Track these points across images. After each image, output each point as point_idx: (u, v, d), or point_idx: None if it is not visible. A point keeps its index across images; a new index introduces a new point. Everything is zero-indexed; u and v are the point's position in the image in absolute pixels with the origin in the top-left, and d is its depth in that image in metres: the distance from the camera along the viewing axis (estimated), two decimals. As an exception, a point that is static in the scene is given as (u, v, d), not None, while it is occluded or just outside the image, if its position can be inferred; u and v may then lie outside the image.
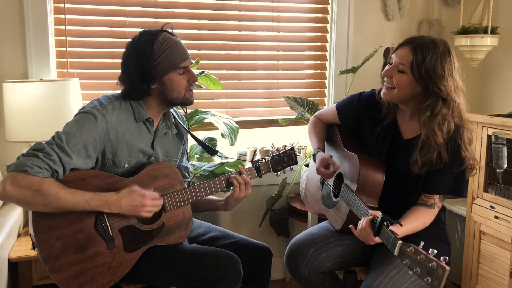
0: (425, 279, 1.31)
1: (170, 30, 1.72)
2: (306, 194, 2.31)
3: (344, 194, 1.83)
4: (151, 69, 1.65)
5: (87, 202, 1.54)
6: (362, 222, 1.59)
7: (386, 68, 1.77)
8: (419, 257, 1.34)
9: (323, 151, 2.02)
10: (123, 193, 1.60)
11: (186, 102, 1.76)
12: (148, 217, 1.65)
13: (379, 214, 1.54)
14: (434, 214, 1.76)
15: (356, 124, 1.95)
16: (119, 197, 1.59)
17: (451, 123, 1.68)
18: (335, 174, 1.95)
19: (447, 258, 1.29)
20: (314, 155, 2.00)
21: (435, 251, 1.32)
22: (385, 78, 1.76)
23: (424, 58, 1.65)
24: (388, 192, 1.78)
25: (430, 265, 1.30)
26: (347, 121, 1.99)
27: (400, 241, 1.42)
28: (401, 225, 1.52)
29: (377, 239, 1.55)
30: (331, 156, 2.01)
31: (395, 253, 1.42)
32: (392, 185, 1.78)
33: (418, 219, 1.71)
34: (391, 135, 1.85)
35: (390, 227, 1.49)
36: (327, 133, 2.11)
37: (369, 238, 1.57)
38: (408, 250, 1.38)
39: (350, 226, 1.65)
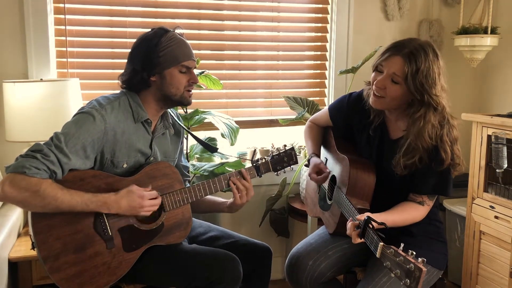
0: (403, 281, 1.30)
1: (181, 32, 1.76)
2: (306, 196, 2.31)
3: (336, 197, 1.83)
4: (154, 59, 1.67)
5: (85, 204, 1.54)
6: (348, 227, 1.59)
7: (378, 78, 1.71)
8: (398, 259, 1.33)
9: (318, 155, 2.02)
10: (122, 194, 1.60)
11: (183, 101, 1.76)
12: (147, 216, 1.66)
13: (362, 217, 1.53)
14: (424, 211, 1.74)
15: (348, 126, 1.96)
16: (118, 197, 1.59)
17: (438, 128, 1.68)
18: (329, 178, 1.95)
19: (425, 259, 1.28)
20: (308, 160, 2.01)
21: (414, 252, 1.31)
22: (374, 87, 1.72)
23: (418, 68, 1.63)
24: (380, 192, 1.78)
25: (408, 266, 1.29)
26: (338, 123, 2.00)
27: (381, 243, 1.40)
28: (386, 227, 1.51)
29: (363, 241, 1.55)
30: (326, 159, 2.01)
31: (377, 255, 1.41)
32: (382, 185, 1.78)
33: (405, 211, 1.70)
34: (380, 135, 1.85)
35: (376, 226, 1.49)
36: (323, 136, 2.12)
37: (355, 240, 1.57)
38: (389, 252, 1.37)
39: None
